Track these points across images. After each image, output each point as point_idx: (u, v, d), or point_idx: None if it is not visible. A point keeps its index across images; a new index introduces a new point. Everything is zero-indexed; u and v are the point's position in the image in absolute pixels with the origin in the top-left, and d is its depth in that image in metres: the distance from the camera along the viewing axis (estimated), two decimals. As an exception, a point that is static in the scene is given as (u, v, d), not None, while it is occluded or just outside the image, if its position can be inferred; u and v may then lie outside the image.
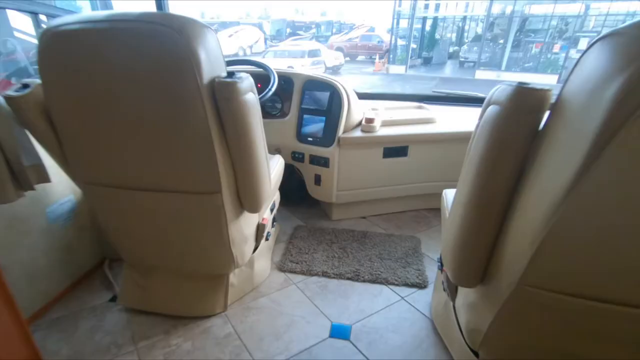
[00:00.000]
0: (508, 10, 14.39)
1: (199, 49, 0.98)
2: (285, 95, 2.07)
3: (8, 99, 1.14)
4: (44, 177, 1.30)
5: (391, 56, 16.68)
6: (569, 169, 0.64)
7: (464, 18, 17.28)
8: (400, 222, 2.24)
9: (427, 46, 17.17)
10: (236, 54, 19.27)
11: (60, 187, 1.61)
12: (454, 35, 18.27)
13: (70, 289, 1.69)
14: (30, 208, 1.47)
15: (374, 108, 2.14)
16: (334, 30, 23.36)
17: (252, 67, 1.97)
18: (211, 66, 1.03)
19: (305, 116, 2.04)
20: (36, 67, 1.10)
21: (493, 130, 0.79)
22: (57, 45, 1.04)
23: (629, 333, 0.80)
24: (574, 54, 12.05)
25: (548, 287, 0.77)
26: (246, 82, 1.08)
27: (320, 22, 24.66)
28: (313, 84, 2.01)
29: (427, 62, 16.97)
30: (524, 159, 0.78)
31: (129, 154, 1.15)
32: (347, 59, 17.79)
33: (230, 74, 1.07)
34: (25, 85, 1.16)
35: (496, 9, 15.19)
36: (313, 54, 14.66)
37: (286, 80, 2.04)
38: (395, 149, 2.04)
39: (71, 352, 1.37)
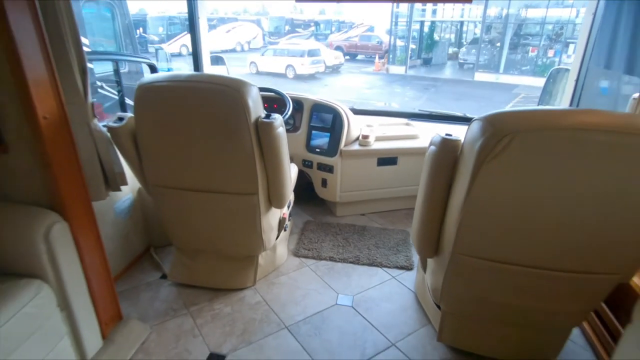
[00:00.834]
0: (505, 13, 14.96)
1: (248, 101, 1.50)
2: (297, 113, 2.60)
3: (109, 128, 1.67)
4: (125, 181, 1.82)
5: (391, 56, 17.24)
6: (465, 185, 1.19)
7: (462, 21, 17.84)
8: (393, 219, 2.77)
9: (426, 47, 17.73)
10: (234, 49, 19.82)
11: (124, 188, 2.12)
12: (453, 36, 18.86)
13: (127, 269, 2.20)
14: (106, 205, 1.98)
15: (369, 125, 2.67)
16: (333, 29, 23.90)
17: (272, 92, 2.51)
18: (255, 110, 1.56)
19: (313, 132, 2.57)
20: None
21: (431, 161, 1.35)
22: (149, 95, 1.57)
23: (525, 284, 1.34)
24: (565, 59, 12.65)
25: (468, 253, 1.31)
26: (278, 120, 1.61)
27: (319, 20, 25.20)
28: (319, 107, 2.54)
29: (426, 62, 17.53)
30: (450, 178, 1.33)
31: (194, 166, 1.68)
32: (347, 57, 18.28)
33: (268, 116, 1.60)
34: (121, 118, 1.69)
35: (493, 12, 15.77)
36: (312, 53, 15.14)
37: (298, 102, 2.57)
38: (387, 159, 2.58)
39: (139, 314, 1.88)
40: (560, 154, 1.08)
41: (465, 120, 2.90)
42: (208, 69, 3.05)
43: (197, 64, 2.82)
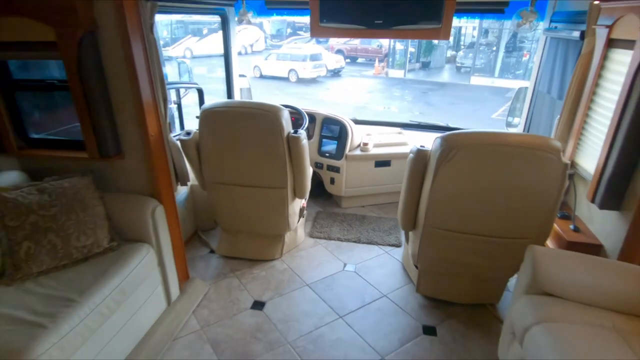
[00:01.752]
0: (502, 18, 15.62)
1: (282, 121, 2.19)
2: (310, 125, 3.29)
3: (180, 140, 2.36)
4: (188, 179, 2.51)
5: (390, 60, 17.91)
6: (430, 179, 1.87)
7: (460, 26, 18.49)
8: (387, 209, 3.45)
9: (425, 51, 18.36)
10: (238, 53, 20.53)
11: (180, 185, 2.80)
12: (451, 39, 19.52)
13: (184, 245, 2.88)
14: (169, 197, 2.66)
15: (368, 134, 3.36)
16: (335, 32, 24.59)
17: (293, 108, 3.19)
18: (287, 127, 2.25)
19: (323, 140, 3.26)
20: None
21: (410, 164, 2.03)
22: (210, 117, 2.26)
23: (474, 247, 2.02)
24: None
25: (435, 226, 2.00)
26: (303, 135, 2.30)
27: (320, 23, 25.85)
28: (329, 120, 3.23)
29: (425, 66, 18.17)
30: (422, 175, 2.01)
31: (241, 167, 2.37)
32: (348, 60, 18.90)
33: (295, 131, 2.28)
34: (188, 133, 2.37)
35: (491, 16, 16.41)
36: (314, 57, 15.73)
37: (311, 116, 3.26)
38: (383, 162, 3.27)
39: (198, 276, 2.55)
40: (484, 159, 1.77)
41: (446, 129, 3.58)
42: (236, 81, 3.68)
43: (229, 86, 3.50)
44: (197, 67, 14.81)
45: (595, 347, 1.35)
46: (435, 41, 19.09)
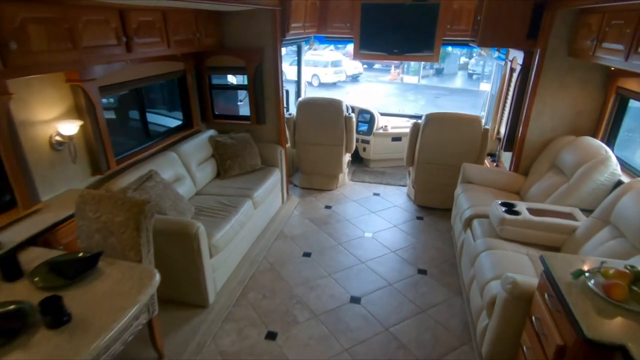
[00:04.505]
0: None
1: (343, 108, 4.40)
2: (352, 113, 5.47)
3: (285, 118, 4.57)
4: (287, 141, 4.71)
5: (405, 66, 20.01)
6: (419, 137, 4.06)
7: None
8: (399, 169, 5.59)
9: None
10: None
11: (276, 147, 4.98)
12: (465, 47, 21.56)
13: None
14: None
15: (388, 121, 5.52)
16: (353, 39, 26.84)
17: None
18: (344, 111, 4.44)
19: (359, 123, 5.44)
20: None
21: (411, 129, 4.23)
22: (303, 105, 4.51)
23: (444, 173, 4.16)
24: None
25: (423, 161, 4.16)
26: (353, 116, 4.49)
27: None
28: (363, 111, 5.42)
29: (439, 72, 20.21)
30: (417, 135, 4.17)
31: (319, 134, 4.57)
32: (365, 66, 21.00)
33: (349, 113, 4.47)
34: (290, 114, 4.60)
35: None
36: (335, 64, 17.85)
37: (352, 108, 5.43)
38: (396, 138, 5.43)
39: (292, 195, 4.73)
40: (445, 126, 3.93)
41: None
42: (303, 82, 5.89)
43: (299, 88, 5.71)
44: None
45: (483, 196, 3.45)
46: (449, 49, 21.23)
